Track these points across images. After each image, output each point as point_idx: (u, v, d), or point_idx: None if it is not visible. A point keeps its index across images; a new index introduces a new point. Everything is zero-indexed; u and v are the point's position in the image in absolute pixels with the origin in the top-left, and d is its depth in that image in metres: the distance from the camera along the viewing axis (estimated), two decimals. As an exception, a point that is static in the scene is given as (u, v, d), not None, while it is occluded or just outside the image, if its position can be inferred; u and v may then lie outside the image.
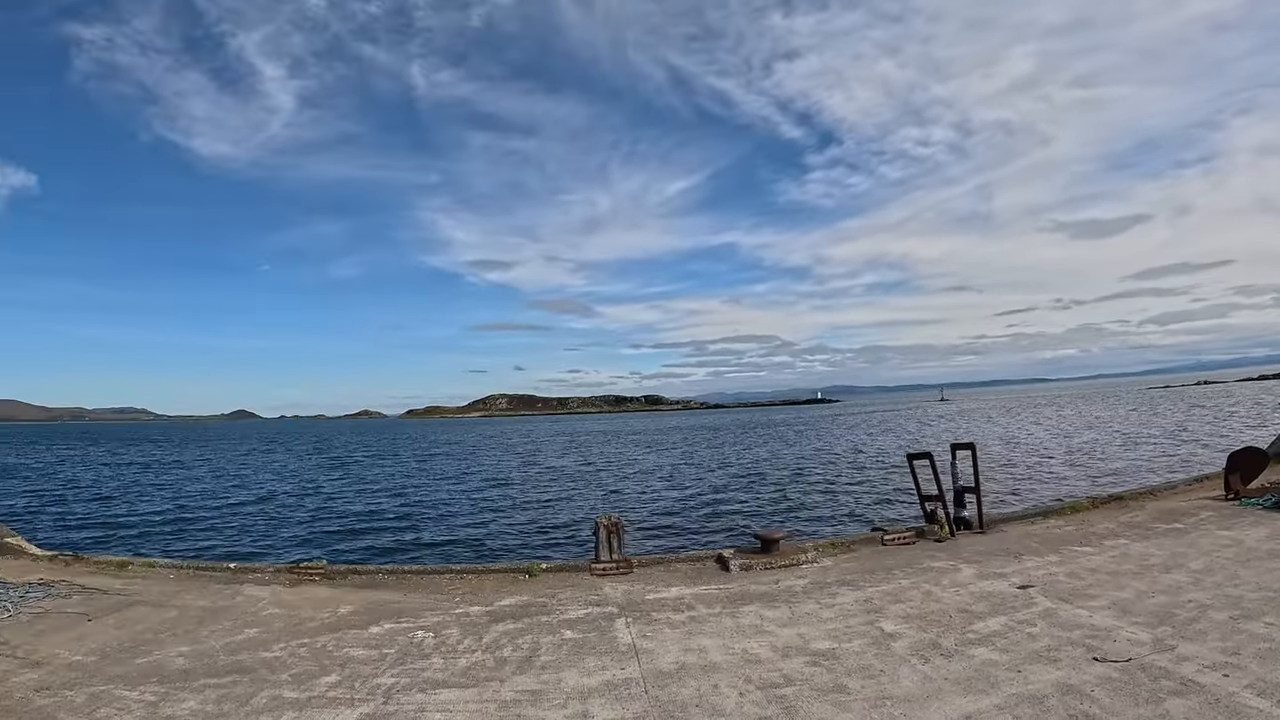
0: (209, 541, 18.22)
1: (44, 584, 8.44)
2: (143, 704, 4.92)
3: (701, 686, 4.80)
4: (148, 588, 8.44)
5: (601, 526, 8.54)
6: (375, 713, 4.65)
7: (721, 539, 15.33)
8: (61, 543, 16.93)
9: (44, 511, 25.09)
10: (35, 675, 5.48)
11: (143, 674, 5.53)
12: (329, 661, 5.67)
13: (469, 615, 6.85)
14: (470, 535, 17.68)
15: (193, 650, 6.11)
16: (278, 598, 7.80)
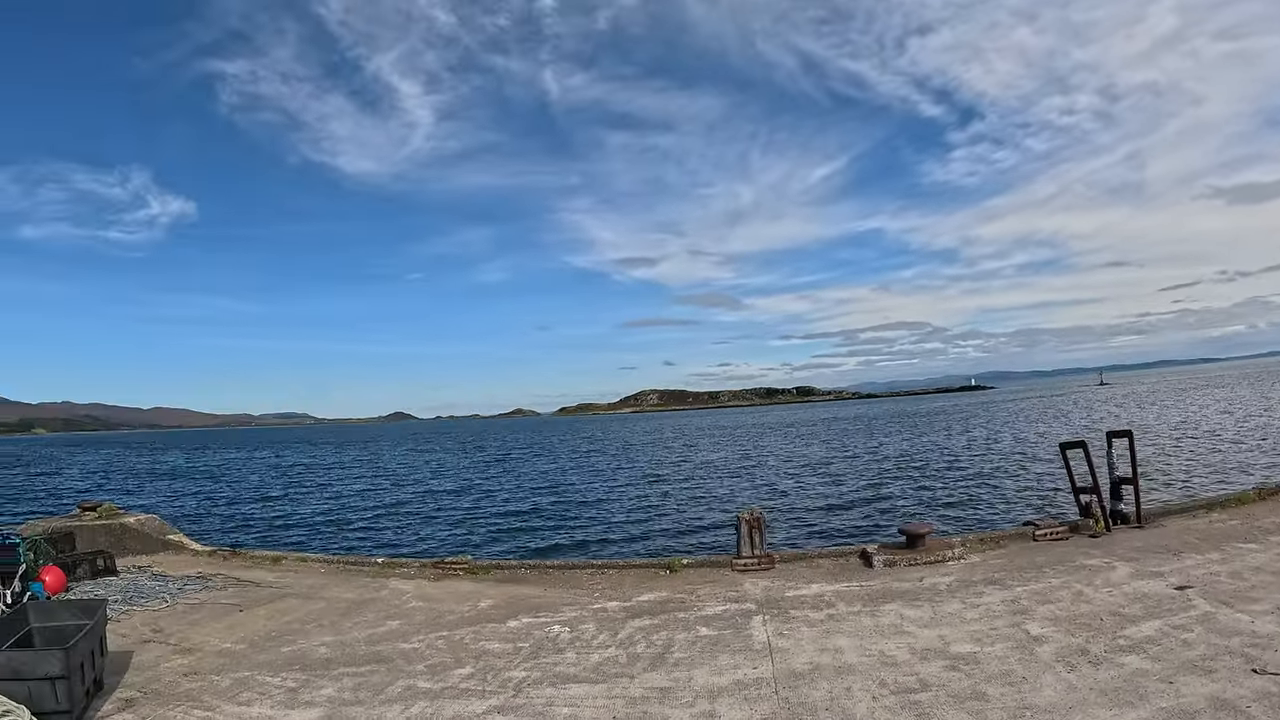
0: (362, 537, 26.55)
1: (201, 577, 11.86)
2: (283, 689, 6.91)
3: (834, 689, 6.03)
4: (299, 581, 11.53)
5: (743, 521, 10.89)
6: (504, 705, 6.18)
7: (867, 534, 20.49)
8: (226, 540, 23.98)
9: (211, 510, 37.29)
10: (186, 661, 7.89)
11: (286, 662, 7.71)
12: (464, 654, 7.64)
13: (606, 610, 8.95)
14: (615, 530, 25.46)
15: (335, 640, 8.35)
16: (421, 591, 10.49)
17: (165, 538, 14.74)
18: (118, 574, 12.19)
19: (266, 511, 36.64)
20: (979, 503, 26.30)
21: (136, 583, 11.53)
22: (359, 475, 57.71)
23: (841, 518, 25.31)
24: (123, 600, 10.41)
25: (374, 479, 53.12)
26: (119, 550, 13.52)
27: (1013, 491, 28.07)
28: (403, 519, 31.51)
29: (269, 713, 6.38)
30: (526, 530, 26.93)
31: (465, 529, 27.93)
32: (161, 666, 7.74)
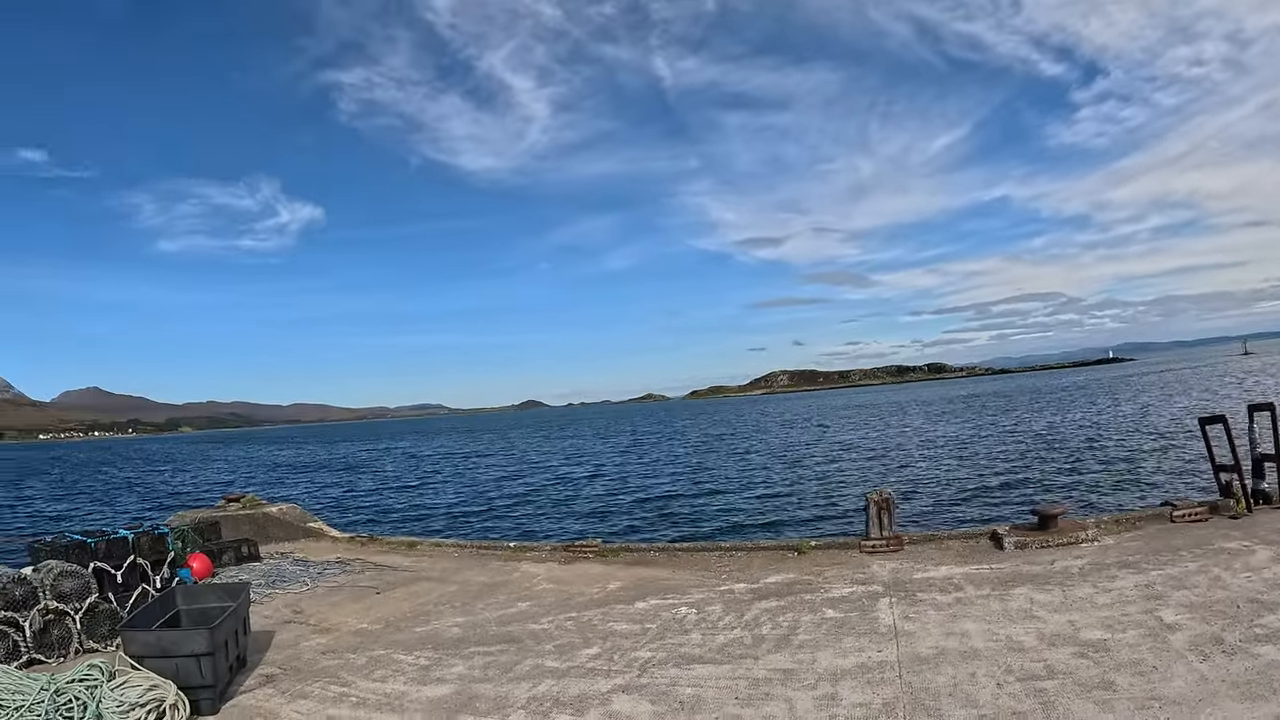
0: (495, 523, 28.41)
1: (340, 562, 12.66)
2: (416, 667, 7.36)
3: (958, 674, 6.09)
4: (433, 565, 12.20)
5: (872, 502, 11.11)
6: (629, 685, 6.47)
7: (1000, 515, 21.00)
8: (364, 527, 25.91)
9: (349, 499, 40.40)
10: (324, 640, 8.50)
11: (420, 641, 8.19)
12: (592, 635, 8.00)
13: (733, 592, 9.26)
14: (744, 512, 26.82)
15: (467, 621, 8.83)
16: (552, 574, 10.98)
17: (306, 525, 15.80)
18: (261, 560, 13.21)
19: (402, 500, 39.33)
20: (1115, 482, 26.37)
21: (279, 568, 12.48)
22: (491, 463, 61.01)
23: (973, 498, 25.89)
24: (266, 584, 11.28)
25: (506, 467, 56.14)
26: (262, 538, 14.59)
27: (1150, 470, 28.15)
28: (534, 505, 33.34)
29: (402, 689, 6.79)
30: (657, 514, 28.18)
31: (596, 513, 29.39)
32: (301, 645, 8.36)
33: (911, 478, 31.86)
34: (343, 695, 6.75)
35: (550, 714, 5.95)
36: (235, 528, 14.73)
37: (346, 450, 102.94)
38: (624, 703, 6.06)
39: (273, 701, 6.73)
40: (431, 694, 6.61)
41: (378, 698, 6.63)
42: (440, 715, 6.12)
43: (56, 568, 8.56)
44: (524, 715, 5.98)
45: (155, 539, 10.13)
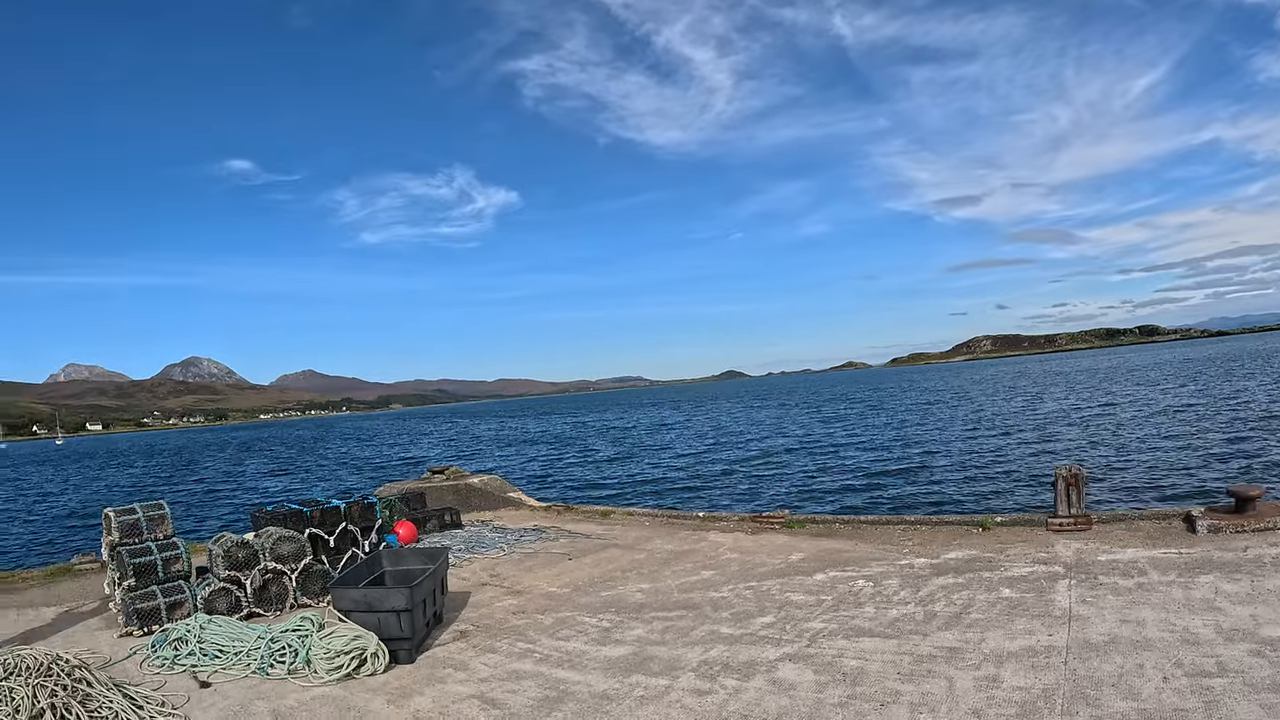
0: (689, 492, 29.84)
1: (536, 529, 13.60)
2: (598, 629, 7.95)
3: (1125, 665, 5.92)
4: (624, 533, 12.90)
5: (1061, 478, 10.78)
6: (796, 654, 6.76)
7: (1202, 494, 20.66)
8: (561, 496, 27.91)
9: (549, 470, 43.26)
10: (515, 602, 9.29)
11: (604, 605, 8.80)
12: (769, 604, 8.36)
13: (912, 567, 9.37)
14: (933, 485, 27.29)
15: (651, 588, 9.37)
16: (738, 544, 11.37)
17: (506, 495, 16.97)
18: (463, 527, 14.37)
19: (600, 471, 41.29)
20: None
21: (479, 535, 13.57)
22: (689, 434, 62.90)
23: (1173, 476, 24.90)
24: (465, 549, 12.33)
25: (703, 437, 57.73)
26: (465, 507, 15.83)
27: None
28: (729, 475, 34.29)
29: (582, 648, 7.38)
30: (848, 485, 28.60)
31: (788, 484, 30.11)
32: (494, 605, 9.19)
33: (1109, 451, 30.78)
34: (528, 651, 7.42)
35: (718, 677, 6.31)
36: (440, 497, 16.05)
37: (548, 423, 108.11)
38: (789, 670, 6.33)
39: (464, 654, 7.50)
40: (609, 654, 7.14)
41: (559, 655, 7.23)
42: (615, 673, 6.62)
43: (275, 533, 9.90)
44: (693, 677, 6.36)
45: (365, 507, 11.33)
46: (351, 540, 11.00)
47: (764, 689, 5.99)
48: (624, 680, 6.47)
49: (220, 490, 50.24)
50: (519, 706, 6.12)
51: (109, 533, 9.66)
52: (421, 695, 6.53)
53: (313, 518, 10.68)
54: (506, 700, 6.26)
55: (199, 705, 6.69)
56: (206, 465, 79.15)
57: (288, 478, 56.09)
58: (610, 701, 6.05)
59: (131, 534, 9.59)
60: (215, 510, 39.27)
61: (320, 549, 10.50)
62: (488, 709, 6.11)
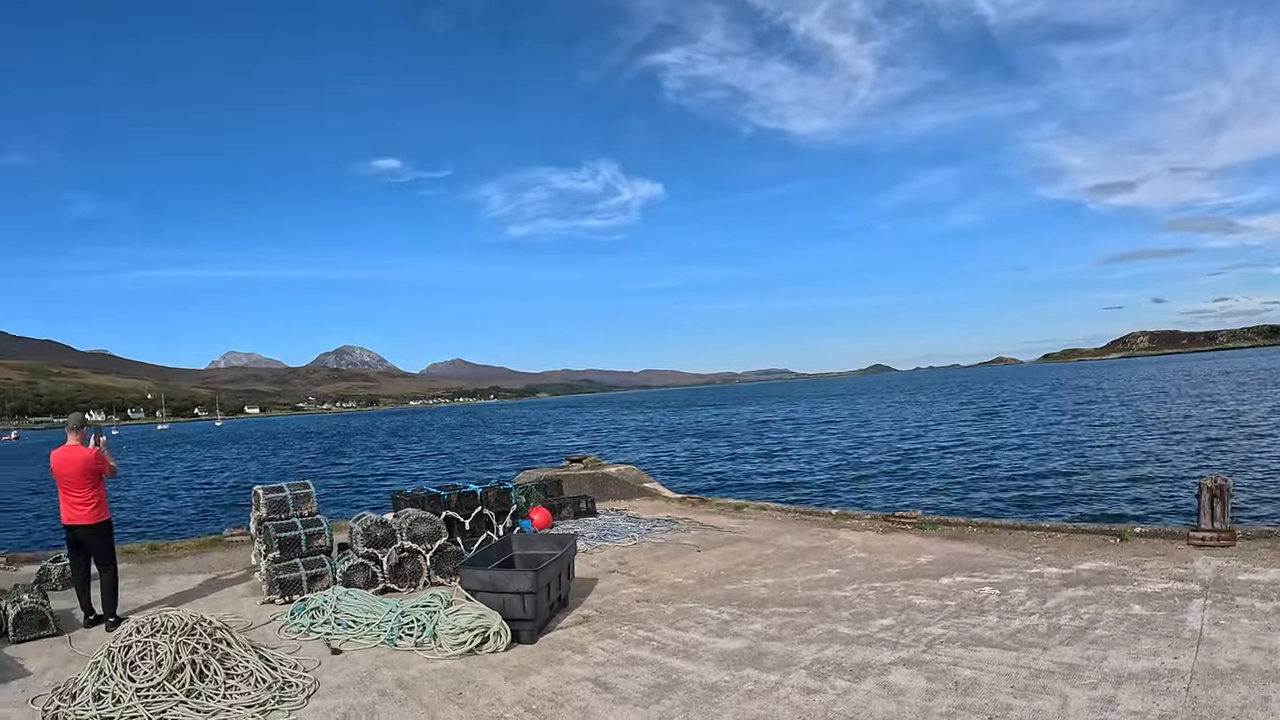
0: (826, 488, 29.74)
1: (669, 520, 13.79)
2: (717, 621, 8.04)
3: (1249, 696, 5.57)
4: (755, 527, 12.94)
5: (1205, 489, 10.24)
6: (910, 659, 6.66)
7: None
8: (697, 488, 28.27)
9: (686, 461, 43.94)
10: (640, 590, 9.47)
11: (727, 598, 8.88)
12: (890, 606, 8.25)
13: (1042, 576, 9.01)
14: (1075, 490, 26.14)
15: (775, 583, 9.39)
16: (867, 543, 11.25)
17: (642, 485, 17.23)
18: (597, 515, 14.68)
19: (738, 464, 41.39)
20: None
21: (612, 523, 13.86)
22: (832, 430, 62.30)
23: None
24: (598, 537, 12.63)
25: (846, 433, 57.19)
26: (600, 496, 16.16)
27: None
28: (865, 472, 34.02)
29: (700, 639, 7.49)
30: (985, 486, 27.98)
31: (923, 483, 29.72)
32: (619, 593, 9.41)
33: (1266, 461, 28.74)
34: (646, 639, 7.58)
35: (828, 677, 6.30)
36: (576, 486, 16.45)
37: (691, 415, 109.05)
38: (901, 675, 6.26)
39: (584, 638, 7.73)
40: (725, 646, 7.22)
41: (676, 644, 7.37)
42: (727, 666, 6.70)
43: (413, 514, 10.47)
44: (804, 675, 6.38)
45: (501, 493, 11.75)
46: (486, 524, 11.46)
47: (873, 692, 5.97)
48: (736, 673, 6.54)
49: (367, 473, 52.65)
50: (630, 691, 6.28)
51: (257, 508, 10.44)
52: (538, 674, 6.79)
53: (450, 501, 11.20)
54: (619, 685, 6.44)
55: (329, 669, 7.24)
56: (356, 449, 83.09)
57: (433, 462, 58.32)
58: (719, 693, 6.14)
59: (278, 510, 10.37)
60: (361, 491, 41.17)
61: (456, 531, 11.00)
62: (600, 692, 6.31)
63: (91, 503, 9.13)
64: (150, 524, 32.17)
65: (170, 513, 36.53)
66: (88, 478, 9.10)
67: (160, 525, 31.76)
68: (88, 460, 9.09)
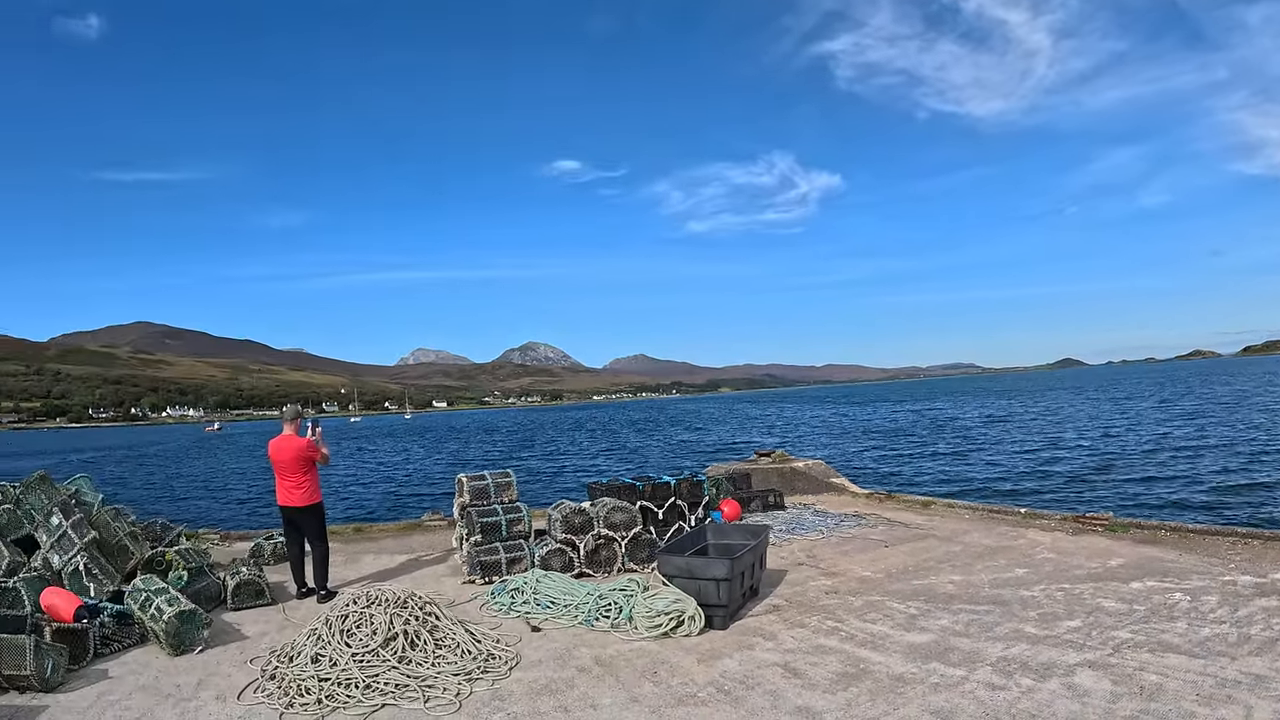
0: (1013, 487, 29.03)
1: (856, 515, 13.79)
2: (905, 615, 8.08)
3: None
4: (942, 525, 12.83)
5: None
6: (1096, 661, 6.55)
7: None
8: (882, 484, 27.66)
9: (871, 457, 44.24)
10: (829, 583, 9.59)
11: (914, 593, 8.89)
12: (1078, 608, 8.07)
13: (1235, 584, 8.63)
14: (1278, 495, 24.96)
15: (962, 580, 9.33)
16: (1056, 544, 10.98)
17: (829, 480, 17.22)
18: (785, 509, 14.81)
19: (924, 460, 41.06)
20: None
21: (799, 517, 13.96)
22: (1018, 427, 60.41)
23: None
24: (786, 530, 12.79)
25: (1032, 431, 55.29)
26: (788, 490, 16.27)
27: None
28: (1054, 471, 33.05)
29: (887, 631, 7.57)
30: (1180, 488, 26.70)
31: (1115, 484, 28.73)
32: (808, 585, 9.56)
33: None
34: (834, 629, 7.71)
35: (1014, 675, 6.27)
36: (765, 479, 16.61)
37: (874, 411, 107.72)
38: (1086, 677, 6.15)
39: (774, 626, 7.94)
40: (912, 640, 7.28)
41: (864, 636, 7.47)
42: (914, 659, 6.76)
43: (610, 503, 10.94)
44: (989, 671, 6.36)
45: (693, 484, 12.08)
46: (679, 514, 11.80)
47: (1057, 692, 5.91)
48: (922, 666, 6.59)
49: (553, 465, 54.44)
50: (818, 678, 6.43)
51: (460, 494, 11.16)
52: (730, 658, 7.03)
53: (644, 491, 11.59)
54: (807, 671, 6.60)
55: (529, 645, 7.76)
56: (541, 442, 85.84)
57: (618, 456, 59.67)
58: (905, 684, 6.21)
59: (480, 497, 11.06)
60: (551, 481, 42.79)
61: (649, 520, 11.39)
62: (789, 677, 6.48)
63: (304, 487, 10.09)
64: (350, 507, 34.63)
65: (369, 499, 38.96)
66: (301, 464, 10.06)
67: (359, 509, 34.03)
68: (300, 449, 10.03)
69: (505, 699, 6.42)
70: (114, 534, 10.17)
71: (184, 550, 10.53)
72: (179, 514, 29.30)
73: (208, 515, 34.07)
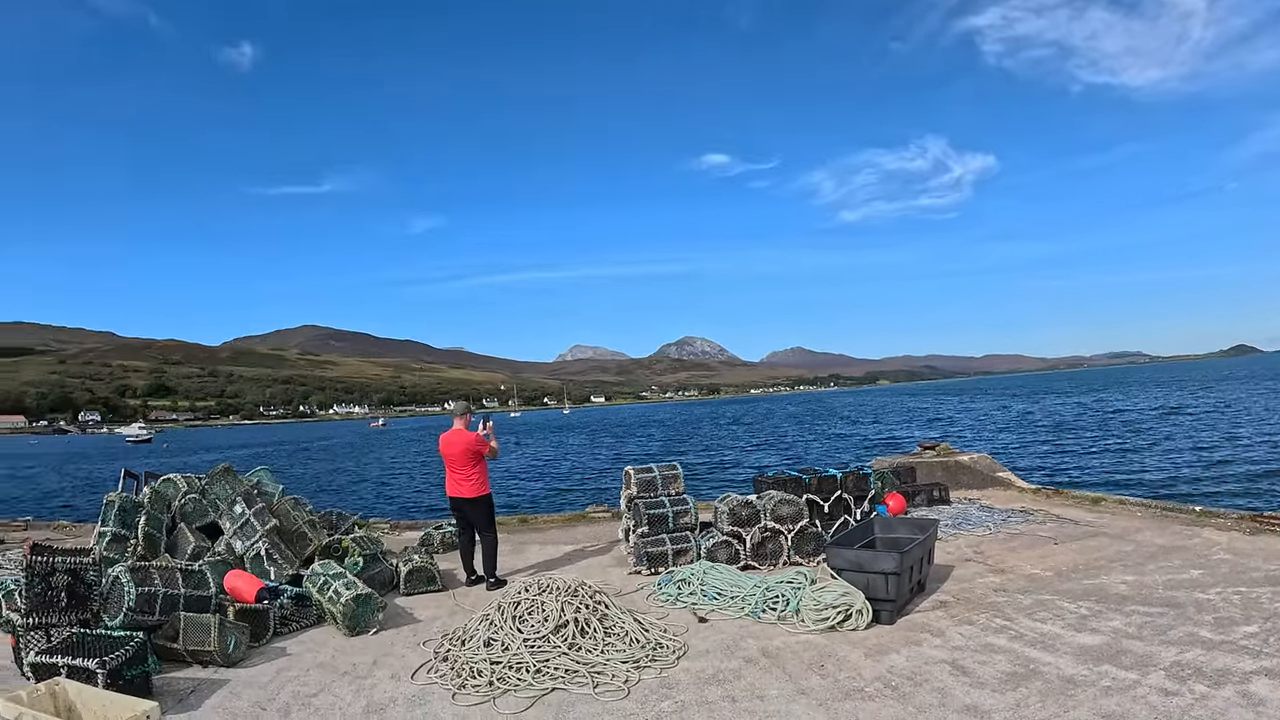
0: (1186, 485, 27.68)
1: (1023, 511, 13.49)
2: (1075, 615, 7.92)
3: None
4: (1113, 522, 12.43)
5: None
6: (1274, 669, 6.28)
7: None
8: (1045, 479, 27.13)
9: (1034, 451, 42.77)
10: (996, 580, 9.47)
11: (1085, 592, 8.70)
12: (1255, 613, 7.73)
13: None
14: None
15: (1135, 580, 9.05)
16: (1232, 544, 10.52)
17: (994, 474, 16.83)
18: (950, 504, 14.61)
19: (1090, 455, 39.53)
20: None
21: (965, 512, 13.75)
22: (1191, 419, 57.89)
23: None
24: (951, 525, 12.64)
25: (1205, 424, 52.85)
26: (953, 484, 15.99)
27: None
28: (1229, 467, 31.54)
29: (1057, 631, 7.45)
30: None
31: None
32: (975, 581, 9.46)
33: None
34: (1003, 628, 7.64)
35: (1187, 680, 6.10)
36: (929, 473, 16.39)
37: (1038, 403, 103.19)
38: (1262, 685, 5.93)
39: (941, 623, 7.94)
40: (1083, 641, 7.15)
41: (1033, 635, 7.39)
42: (1085, 660, 6.65)
43: (776, 496, 11.10)
44: (1162, 676, 6.21)
45: (859, 478, 12.07)
46: (844, 508, 11.84)
47: (1231, 700, 5.73)
48: (1093, 668, 6.49)
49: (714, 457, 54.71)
50: (987, 677, 6.43)
51: (628, 487, 11.45)
52: (897, 654, 7.09)
53: (810, 484, 11.68)
54: (976, 670, 6.60)
55: (696, 635, 8.02)
56: (701, 435, 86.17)
57: (777, 449, 59.50)
58: (1076, 686, 6.14)
59: (647, 489, 11.31)
60: (712, 474, 42.97)
61: (815, 513, 11.47)
62: (957, 675, 6.50)
63: (474, 479, 10.58)
64: (512, 499, 35.67)
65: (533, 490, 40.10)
66: (470, 457, 10.54)
67: (523, 500, 34.98)
68: (469, 443, 10.52)
69: (673, 687, 6.63)
70: (293, 522, 10.93)
71: (358, 538, 11.20)
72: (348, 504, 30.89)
73: (376, 506, 35.75)
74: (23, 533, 15.87)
